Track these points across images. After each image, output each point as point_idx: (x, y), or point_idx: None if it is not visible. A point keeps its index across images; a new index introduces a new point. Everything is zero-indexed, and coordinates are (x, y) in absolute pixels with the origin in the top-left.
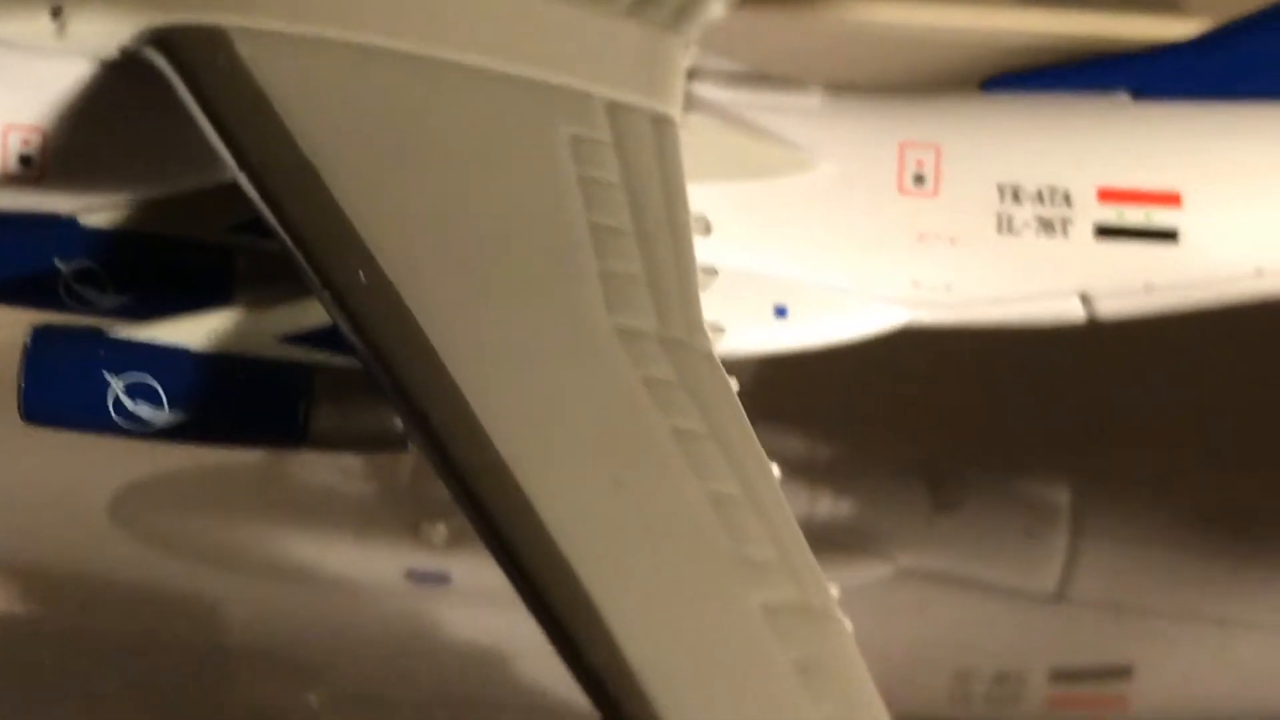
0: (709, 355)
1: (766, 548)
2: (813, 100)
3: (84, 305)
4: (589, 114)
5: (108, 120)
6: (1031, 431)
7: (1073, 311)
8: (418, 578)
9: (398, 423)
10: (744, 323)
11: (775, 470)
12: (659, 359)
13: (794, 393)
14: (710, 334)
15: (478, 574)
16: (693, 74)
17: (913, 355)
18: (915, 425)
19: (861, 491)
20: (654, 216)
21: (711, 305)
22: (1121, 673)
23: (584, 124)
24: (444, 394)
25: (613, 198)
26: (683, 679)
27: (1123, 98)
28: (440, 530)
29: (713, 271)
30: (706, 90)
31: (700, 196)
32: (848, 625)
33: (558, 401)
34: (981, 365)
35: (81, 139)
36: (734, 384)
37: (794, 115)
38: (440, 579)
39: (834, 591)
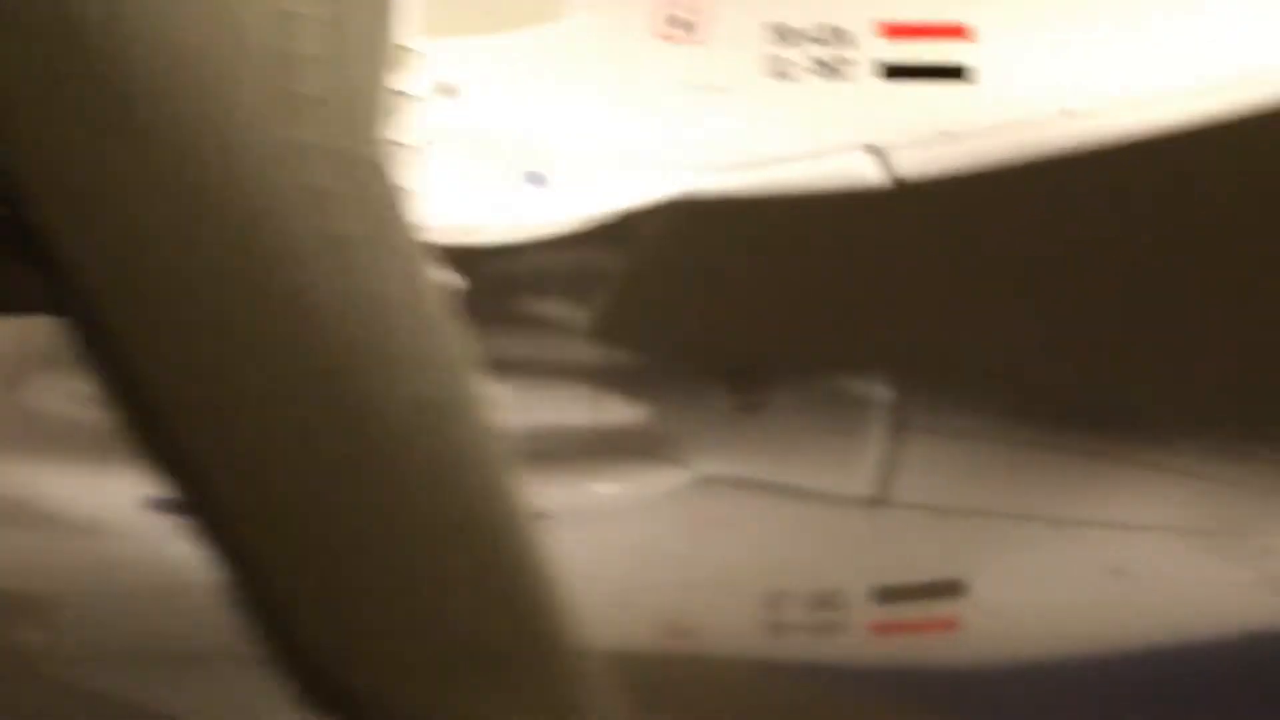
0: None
1: None
2: None
3: None
4: None
5: None
6: (841, 319)
7: (868, 170)
8: (159, 505)
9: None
10: (496, 191)
11: None
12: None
13: (573, 280)
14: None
15: None
16: None
17: (706, 236)
18: (710, 316)
19: (652, 392)
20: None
21: (458, 172)
22: (951, 588)
23: None
24: None
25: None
26: None
27: None
28: None
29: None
30: None
31: (442, 55)
32: None
33: None
34: (784, 245)
35: None
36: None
37: None
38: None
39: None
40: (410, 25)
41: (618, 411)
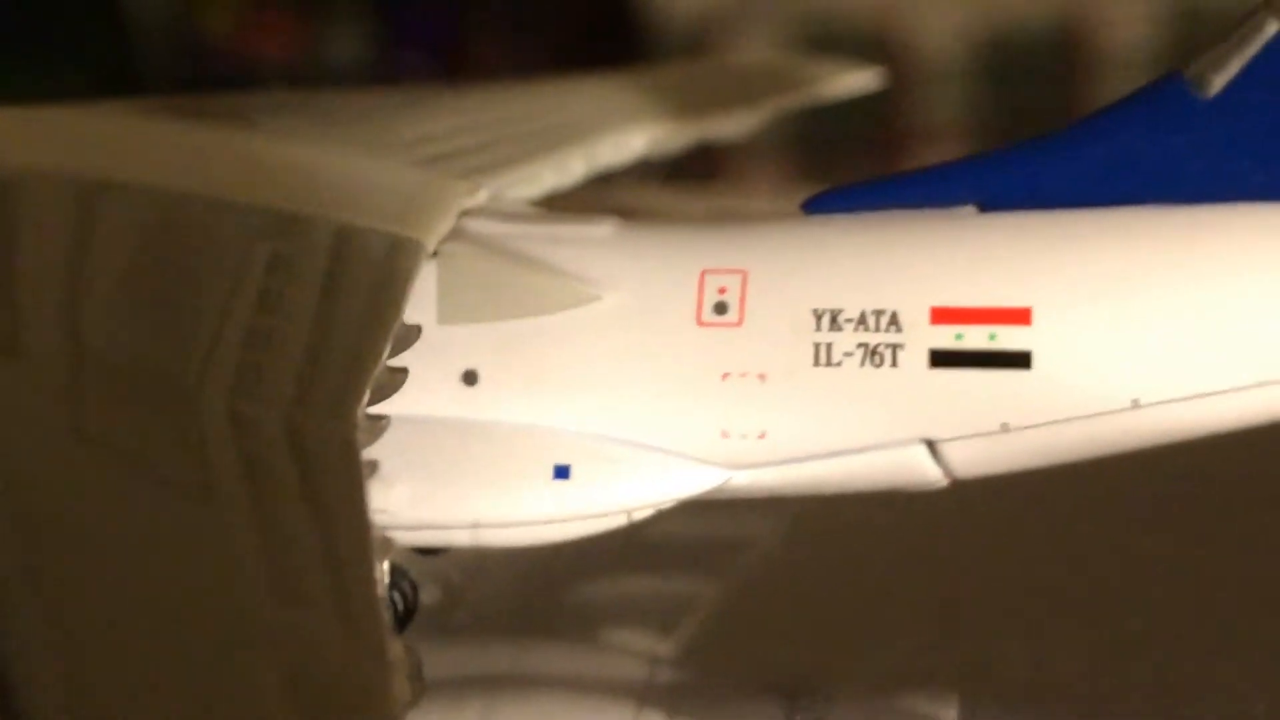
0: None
1: None
2: (603, 230)
3: None
4: (303, 235)
5: None
6: (905, 631)
7: (921, 465)
8: None
9: None
10: (519, 486)
11: None
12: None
13: (613, 579)
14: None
15: None
16: (473, 213)
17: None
18: (765, 627)
19: (700, 710)
20: (341, 325)
21: (479, 467)
22: None
23: (290, 242)
24: None
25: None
26: None
27: (967, 211)
28: None
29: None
30: (482, 225)
31: (464, 341)
32: None
33: None
34: (838, 548)
35: None
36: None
37: (579, 246)
38: None
39: None
40: (428, 313)
41: None
